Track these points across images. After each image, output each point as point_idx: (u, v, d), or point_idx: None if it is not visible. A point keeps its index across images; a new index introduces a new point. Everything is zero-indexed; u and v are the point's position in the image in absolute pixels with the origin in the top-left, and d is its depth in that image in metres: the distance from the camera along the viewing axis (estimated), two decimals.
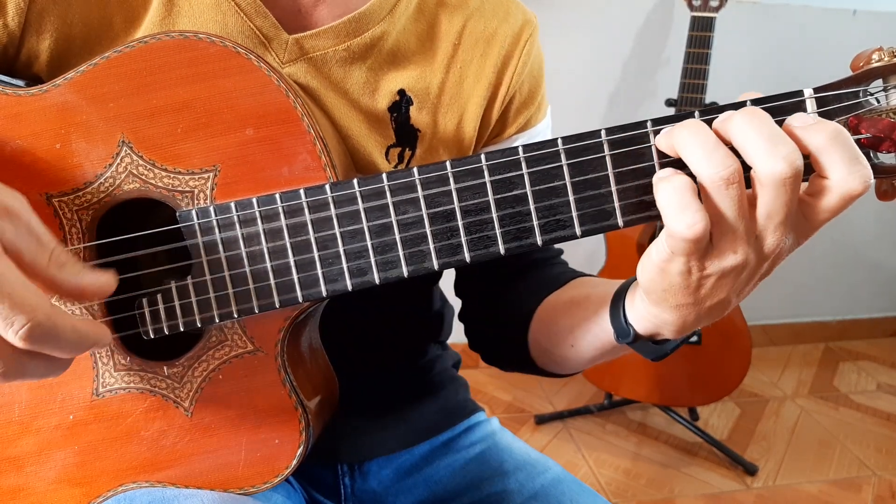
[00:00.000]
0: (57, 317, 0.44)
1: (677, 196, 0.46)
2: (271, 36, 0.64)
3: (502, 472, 0.77)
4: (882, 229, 2.62)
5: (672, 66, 2.14)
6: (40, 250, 0.46)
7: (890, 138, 0.48)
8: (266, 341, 0.57)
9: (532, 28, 0.74)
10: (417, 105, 0.69)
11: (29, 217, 0.46)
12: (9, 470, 0.59)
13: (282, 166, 0.55)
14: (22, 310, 0.42)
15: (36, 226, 0.46)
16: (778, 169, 0.44)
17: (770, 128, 0.45)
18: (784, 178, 0.44)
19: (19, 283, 0.43)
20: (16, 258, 0.45)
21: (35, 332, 0.43)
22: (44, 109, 0.55)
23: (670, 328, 0.54)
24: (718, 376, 1.93)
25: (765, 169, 0.45)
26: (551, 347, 0.70)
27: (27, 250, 0.45)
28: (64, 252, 0.47)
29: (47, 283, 0.47)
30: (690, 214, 0.45)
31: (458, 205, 0.52)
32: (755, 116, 0.45)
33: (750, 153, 0.45)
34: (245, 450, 0.59)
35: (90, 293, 0.48)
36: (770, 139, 0.44)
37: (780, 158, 0.44)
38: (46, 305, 0.44)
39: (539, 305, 0.72)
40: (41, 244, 0.46)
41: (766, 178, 0.45)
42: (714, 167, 0.45)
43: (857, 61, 0.49)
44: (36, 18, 0.60)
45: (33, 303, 0.43)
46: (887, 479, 2.01)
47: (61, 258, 0.47)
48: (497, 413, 2.20)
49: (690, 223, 0.45)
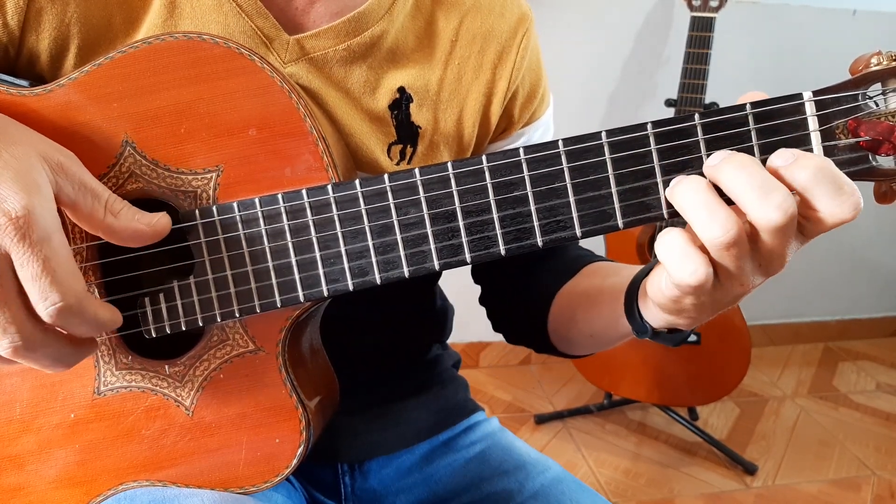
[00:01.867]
0: (87, 301, 0.48)
1: (679, 247, 0.47)
2: (272, 36, 0.64)
3: (502, 471, 0.78)
4: (882, 229, 2.62)
5: (672, 66, 2.14)
6: (96, 202, 0.51)
7: (889, 141, 0.48)
8: (267, 341, 0.58)
9: (528, 22, 0.74)
10: (417, 102, 0.69)
11: (81, 172, 0.51)
12: (9, 468, 0.59)
13: (284, 167, 0.55)
14: (59, 288, 0.46)
15: (88, 179, 0.51)
16: (773, 218, 0.45)
17: (761, 176, 0.46)
18: (779, 226, 0.46)
19: (67, 263, 0.47)
20: (73, 211, 0.50)
21: (64, 312, 0.47)
22: (47, 109, 0.55)
23: (685, 324, 0.57)
24: (718, 376, 1.93)
25: (760, 219, 0.46)
26: (571, 336, 0.73)
27: (84, 203, 0.50)
28: (118, 200, 0.52)
29: (107, 230, 0.51)
30: (692, 263, 0.47)
31: (460, 206, 0.52)
32: (744, 166, 0.46)
33: (743, 204, 0.46)
34: (246, 449, 0.59)
35: (147, 235, 0.53)
36: (762, 188, 0.46)
37: (773, 207, 0.45)
38: (82, 289, 0.48)
39: (556, 293, 0.74)
40: (96, 195, 0.51)
41: (763, 227, 0.46)
42: (715, 231, 0.46)
43: (856, 65, 0.50)
44: (35, 17, 0.60)
45: (72, 285, 0.47)
46: (886, 479, 2.01)
47: (115, 206, 0.52)
48: (497, 413, 2.20)
49: (692, 271, 0.47)
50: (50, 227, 0.46)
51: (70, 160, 0.50)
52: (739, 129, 0.49)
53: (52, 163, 0.49)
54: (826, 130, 0.49)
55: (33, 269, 0.46)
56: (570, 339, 0.73)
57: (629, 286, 0.61)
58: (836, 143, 0.49)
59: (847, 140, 0.49)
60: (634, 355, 1.95)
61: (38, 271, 0.46)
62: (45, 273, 0.46)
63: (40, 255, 0.45)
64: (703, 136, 0.50)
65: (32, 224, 0.45)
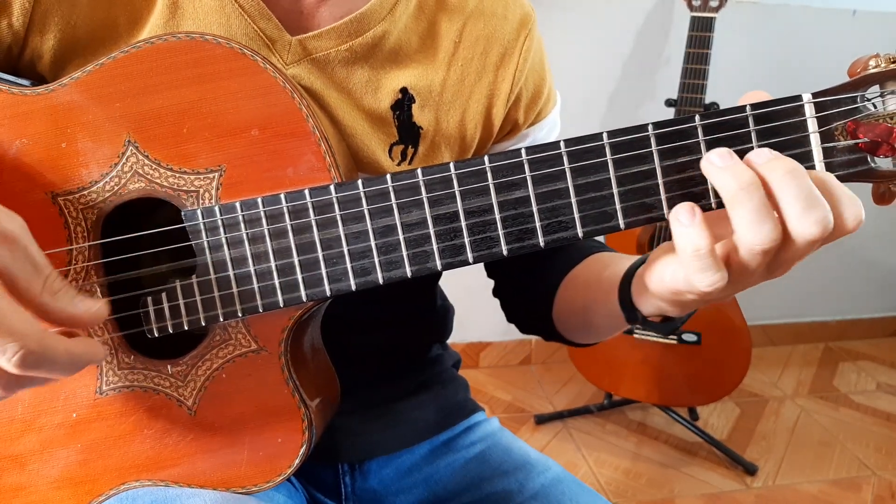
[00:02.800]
0: (49, 342, 0.44)
1: (703, 256, 0.47)
2: (275, 38, 0.64)
3: (502, 471, 0.78)
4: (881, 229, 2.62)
5: (672, 66, 2.14)
6: (35, 277, 0.46)
7: (887, 142, 0.48)
8: (270, 340, 0.58)
9: (531, 22, 0.74)
10: (420, 103, 0.69)
11: (27, 242, 0.46)
12: (11, 468, 0.59)
13: (287, 167, 0.55)
14: (13, 337, 0.43)
15: (33, 252, 0.46)
16: (812, 232, 0.46)
17: (808, 188, 0.46)
18: (813, 241, 0.47)
19: (11, 311, 0.43)
20: (10, 284, 0.45)
21: (28, 360, 0.43)
22: (50, 108, 0.56)
23: (676, 312, 0.58)
24: (718, 376, 1.93)
25: (798, 231, 0.46)
26: (573, 324, 0.75)
27: (22, 277, 0.45)
28: (58, 279, 0.47)
29: (40, 310, 0.46)
30: (711, 275, 0.48)
31: (462, 206, 0.53)
32: (796, 175, 0.46)
33: (786, 212, 0.47)
34: (248, 449, 0.59)
35: (83, 321, 0.48)
36: (807, 200, 0.46)
37: (814, 222, 0.46)
38: (38, 332, 0.44)
39: (561, 282, 0.75)
40: (37, 271, 0.46)
41: (799, 238, 0.47)
42: (759, 237, 0.46)
43: (854, 67, 0.50)
44: (40, 18, 0.60)
45: (25, 330, 0.43)
46: (887, 479, 2.01)
47: (55, 286, 0.47)
48: (497, 413, 2.20)
49: (712, 282, 0.48)
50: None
51: (16, 226, 0.45)
52: (740, 130, 0.50)
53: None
54: (825, 132, 0.50)
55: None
56: (572, 325, 0.75)
57: (625, 273, 0.62)
58: (835, 145, 0.50)
59: (846, 142, 0.49)
60: (634, 355, 1.95)
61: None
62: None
63: None
64: (704, 137, 0.50)
65: None
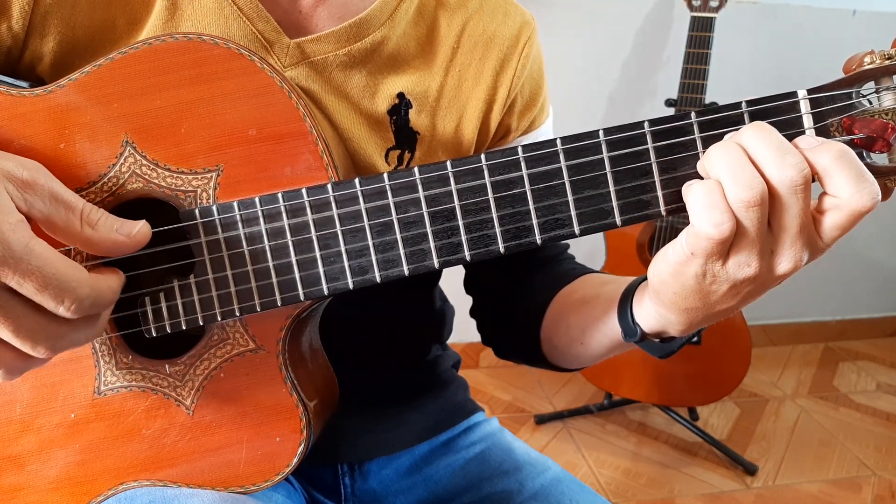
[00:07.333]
0: (97, 283, 0.48)
1: (707, 196, 0.47)
2: (273, 40, 0.64)
3: (502, 471, 0.78)
4: (881, 229, 2.62)
5: (672, 66, 2.15)
6: (71, 215, 0.48)
7: (882, 138, 0.48)
8: (268, 340, 0.58)
9: (530, 30, 0.74)
10: (416, 108, 0.69)
11: (50, 184, 0.48)
12: (10, 468, 0.59)
13: (284, 166, 0.55)
14: (68, 286, 0.45)
15: (59, 190, 0.48)
16: (788, 176, 0.46)
17: (778, 139, 0.47)
18: (795, 185, 0.46)
19: (60, 262, 0.45)
20: (49, 228, 0.47)
21: (84, 304, 0.46)
22: (48, 109, 0.56)
23: (676, 328, 0.56)
24: (718, 376, 1.93)
25: (776, 177, 0.47)
26: (561, 344, 0.72)
27: (59, 217, 0.48)
28: (94, 210, 0.49)
29: (86, 244, 0.49)
30: (718, 214, 0.47)
31: (459, 204, 0.53)
32: (762, 129, 0.48)
33: (761, 163, 0.47)
34: (246, 448, 0.59)
35: (128, 246, 0.51)
36: (779, 149, 0.47)
37: (789, 166, 0.46)
38: (86, 276, 0.47)
39: (550, 303, 0.73)
40: (69, 208, 0.48)
41: (779, 186, 0.47)
42: (740, 187, 0.47)
43: (849, 64, 0.50)
44: (40, 21, 0.61)
45: (77, 277, 0.46)
46: (887, 479, 2.01)
47: (92, 216, 0.49)
48: (497, 413, 2.20)
49: (718, 222, 0.47)
50: (22, 239, 0.44)
51: (37, 172, 0.47)
52: (735, 126, 0.50)
53: (17, 180, 0.46)
54: (821, 128, 0.50)
55: (34, 285, 0.44)
56: (560, 347, 0.73)
57: (627, 287, 0.62)
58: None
59: (841, 137, 0.50)
60: (634, 355, 1.95)
61: (39, 284, 0.44)
62: (46, 282, 0.44)
63: (29, 268, 0.44)
64: (700, 133, 0.50)
65: (4, 245, 0.43)
